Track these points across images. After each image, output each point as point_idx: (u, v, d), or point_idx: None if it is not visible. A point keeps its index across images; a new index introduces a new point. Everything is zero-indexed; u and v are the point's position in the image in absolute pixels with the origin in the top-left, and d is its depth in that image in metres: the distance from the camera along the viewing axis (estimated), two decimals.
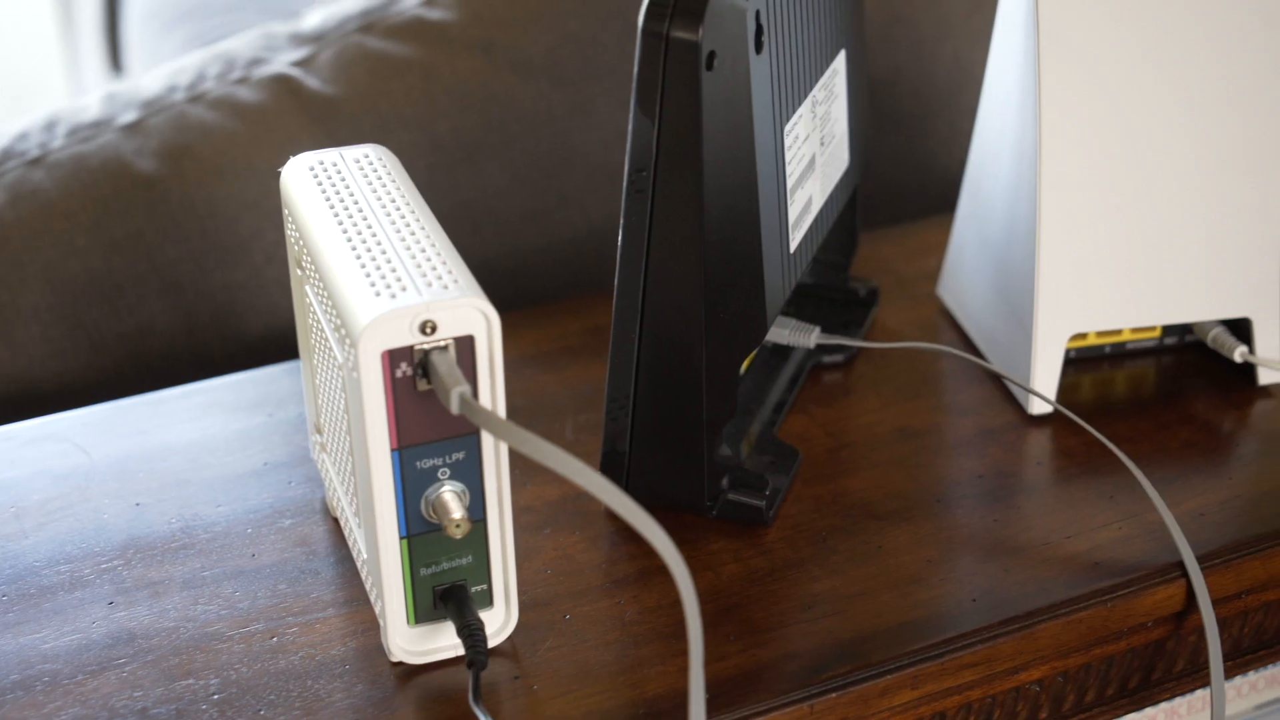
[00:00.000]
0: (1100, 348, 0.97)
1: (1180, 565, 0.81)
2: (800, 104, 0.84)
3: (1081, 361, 0.97)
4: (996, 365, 0.96)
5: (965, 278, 1.00)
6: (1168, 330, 0.97)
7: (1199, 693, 0.93)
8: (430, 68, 1.11)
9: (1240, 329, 0.95)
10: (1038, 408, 0.92)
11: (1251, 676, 0.99)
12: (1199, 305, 0.94)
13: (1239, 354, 0.94)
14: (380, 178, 0.77)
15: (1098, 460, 0.89)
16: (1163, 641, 0.83)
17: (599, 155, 1.14)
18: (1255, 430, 0.93)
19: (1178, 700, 0.91)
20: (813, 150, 0.87)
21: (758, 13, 0.76)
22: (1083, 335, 0.96)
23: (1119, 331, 0.96)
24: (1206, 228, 0.92)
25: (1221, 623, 0.84)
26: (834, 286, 1.02)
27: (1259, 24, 0.88)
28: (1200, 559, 0.81)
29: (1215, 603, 0.81)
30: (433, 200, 1.09)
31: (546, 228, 1.15)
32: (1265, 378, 0.94)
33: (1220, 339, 0.95)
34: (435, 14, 1.13)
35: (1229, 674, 0.88)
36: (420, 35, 1.12)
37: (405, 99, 1.10)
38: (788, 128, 0.82)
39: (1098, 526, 0.84)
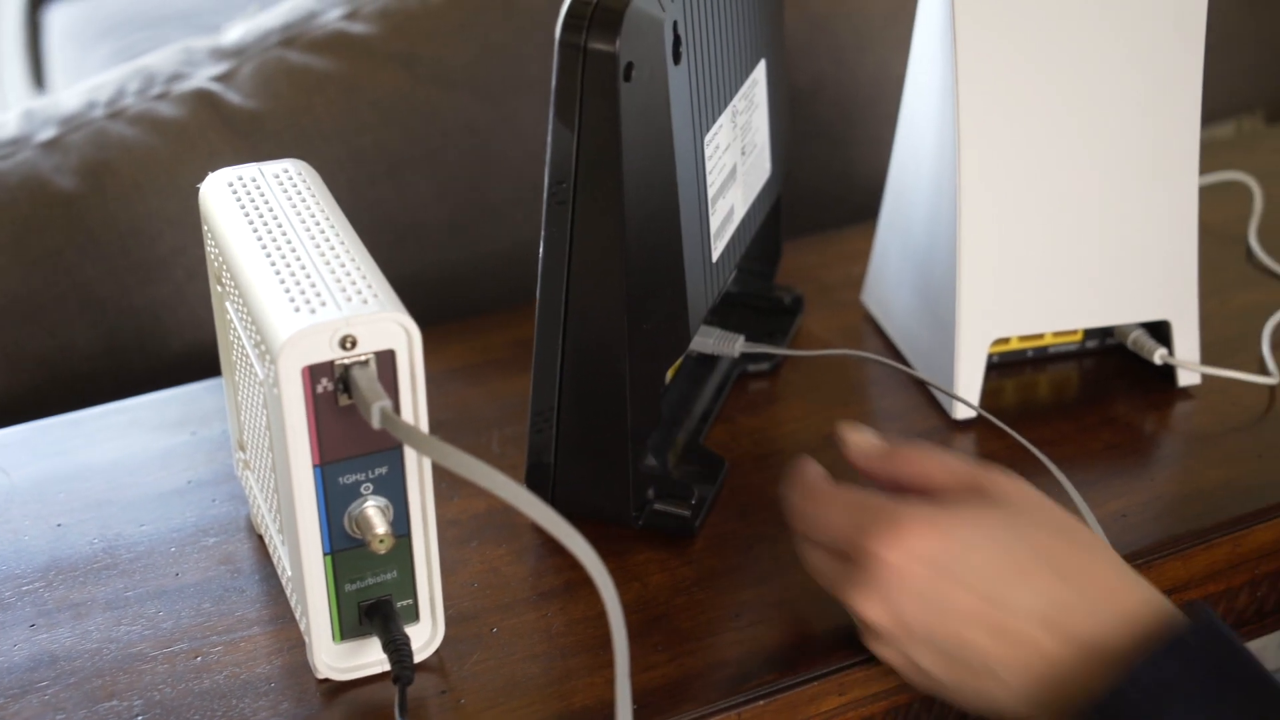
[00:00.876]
0: (1022, 352, 0.98)
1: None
2: (720, 114, 0.84)
3: (1004, 366, 0.98)
4: (920, 371, 0.96)
5: (888, 284, 1.01)
6: (1089, 334, 0.98)
7: None
8: (352, 81, 1.10)
9: (1160, 331, 0.96)
10: (961, 413, 0.92)
11: None
12: (1119, 309, 0.95)
13: (1159, 356, 0.95)
14: (300, 192, 0.77)
15: (1021, 464, 0.89)
16: None
17: (524, 167, 1.14)
18: (1176, 431, 0.94)
19: None
20: (734, 160, 0.88)
21: (675, 24, 0.76)
22: (1005, 340, 0.96)
23: (1041, 336, 0.97)
24: (1124, 232, 0.92)
25: None
26: (758, 295, 1.02)
27: (1170, 33, 0.89)
28: (1123, 559, 0.82)
29: None
30: (356, 214, 1.08)
31: (472, 240, 1.15)
32: (1185, 379, 0.95)
33: (1140, 342, 0.96)
34: (357, 28, 1.12)
35: None
36: (342, 49, 1.11)
37: (327, 113, 1.09)
38: (708, 137, 0.82)
39: None
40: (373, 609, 0.73)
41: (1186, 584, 0.85)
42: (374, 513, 0.70)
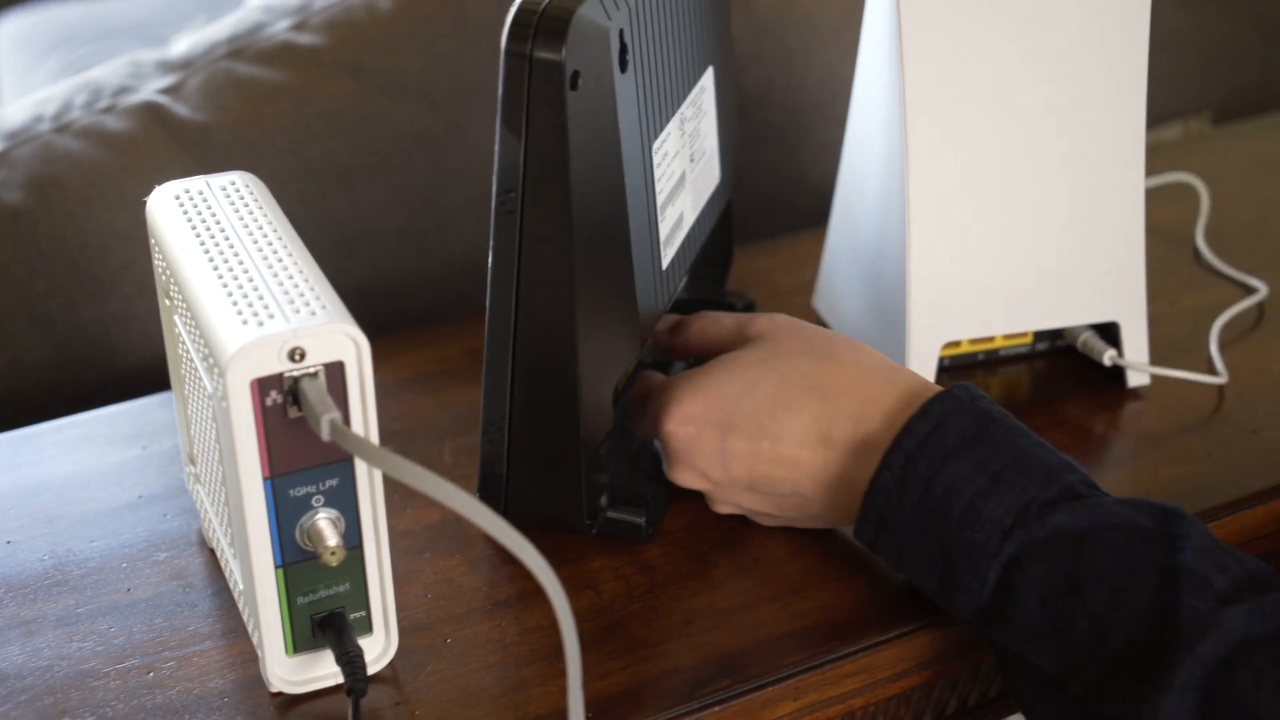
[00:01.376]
0: (974, 355, 0.98)
1: None
2: (668, 121, 0.84)
3: (956, 369, 0.98)
4: None
5: (839, 289, 1.01)
6: (1039, 336, 0.99)
7: None
8: (301, 92, 1.10)
9: (1109, 333, 0.96)
10: None
11: None
12: (1068, 311, 0.95)
13: (1108, 358, 0.95)
14: (247, 205, 0.76)
15: None
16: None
17: (475, 176, 1.14)
18: (1126, 431, 0.94)
19: None
20: (682, 167, 0.88)
21: (621, 32, 0.76)
22: (956, 343, 0.97)
23: (991, 339, 0.98)
24: (1072, 235, 0.93)
25: None
26: (711, 300, 1.02)
27: (1115, 36, 0.90)
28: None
29: None
30: (306, 225, 1.08)
31: (424, 250, 1.15)
32: (1134, 380, 0.96)
33: (1090, 343, 0.96)
34: (304, 38, 1.12)
35: None
36: (290, 60, 1.11)
37: (276, 124, 1.09)
38: (656, 145, 0.82)
39: None
40: (325, 621, 0.72)
41: None
42: (325, 525, 0.70)
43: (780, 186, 1.28)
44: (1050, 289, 0.94)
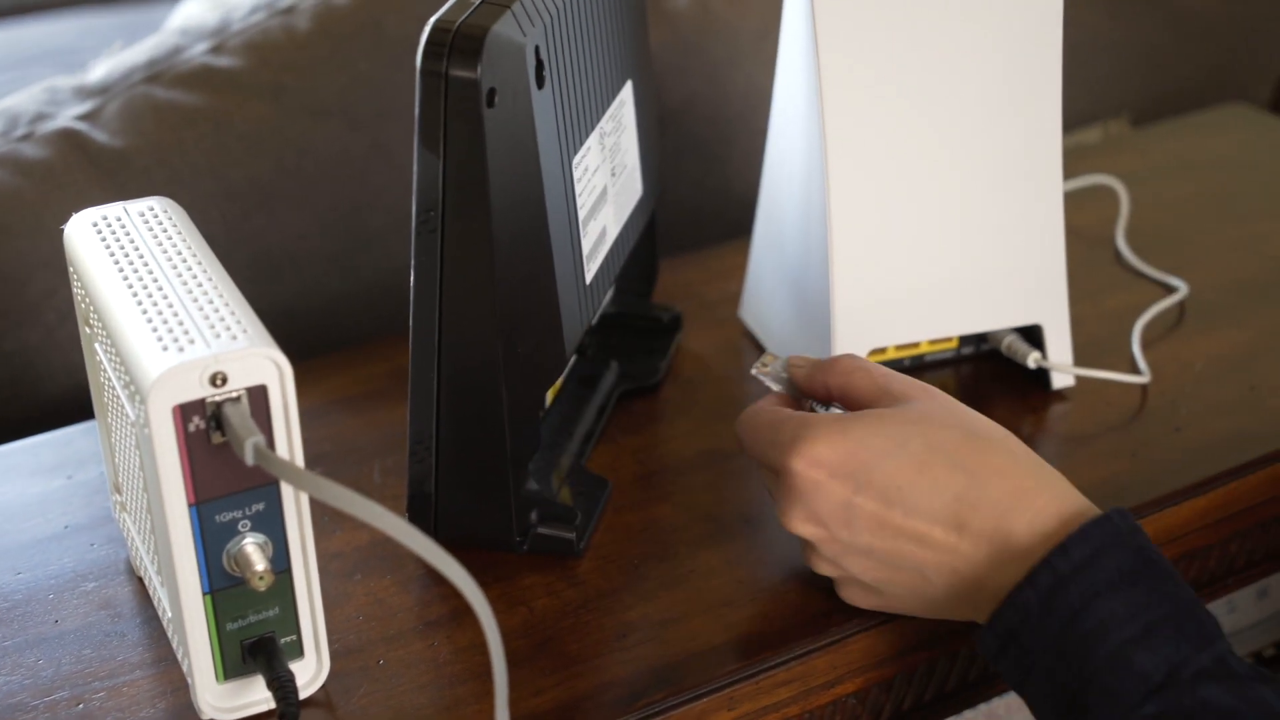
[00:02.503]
0: (900, 361, 0.99)
1: None
2: (588, 136, 0.84)
3: None
4: None
5: (764, 299, 1.01)
6: (964, 341, 0.99)
7: (981, 707, 0.95)
8: (221, 115, 1.10)
9: (1033, 336, 0.97)
10: None
11: None
12: (991, 315, 0.96)
13: (1032, 360, 0.96)
14: (166, 230, 0.76)
15: None
16: (933, 661, 0.84)
17: (399, 195, 1.14)
18: (1052, 433, 0.95)
19: (995, 701, 0.92)
20: (604, 181, 0.88)
21: (537, 48, 0.76)
22: (882, 349, 0.97)
23: (917, 344, 0.98)
24: (993, 239, 0.94)
25: None
26: (637, 314, 1.02)
27: (1028, 40, 0.91)
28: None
29: None
30: (230, 248, 1.08)
31: (350, 271, 1.14)
32: (1058, 382, 0.97)
33: (1014, 346, 0.97)
34: (223, 61, 1.12)
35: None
36: (208, 83, 1.10)
37: (197, 148, 1.08)
38: (576, 160, 0.82)
39: None
40: (256, 647, 0.72)
41: None
42: (253, 550, 0.70)
43: (707, 198, 1.28)
44: (973, 294, 0.95)
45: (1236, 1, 1.48)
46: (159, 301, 0.70)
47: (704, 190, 1.27)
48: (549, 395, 0.91)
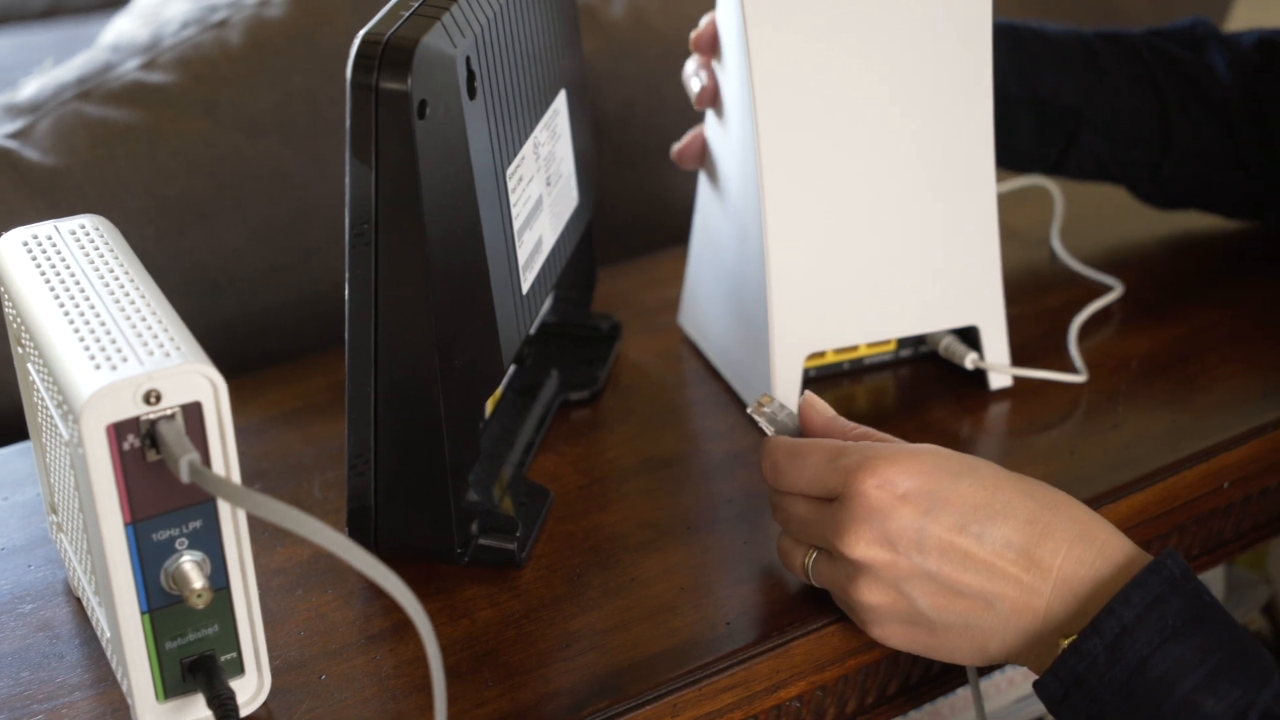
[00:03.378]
0: (839, 365, 0.99)
1: None
2: (521, 146, 0.84)
3: (822, 380, 0.99)
4: (738, 389, 0.97)
5: (702, 305, 1.02)
6: (902, 343, 1.00)
7: (960, 691, 0.96)
8: (154, 131, 1.09)
9: (970, 337, 0.97)
10: None
11: (1009, 672, 1.02)
12: (928, 317, 0.96)
13: (970, 361, 0.96)
14: (98, 248, 0.76)
15: None
16: (895, 656, 0.84)
17: (336, 209, 1.13)
18: (991, 433, 0.95)
19: (940, 701, 0.93)
20: (539, 190, 0.88)
21: (468, 59, 0.76)
22: (820, 354, 0.97)
23: (855, 348, 0.99)
24: (928, 242, 0.94)
25: None
26: (577, 323, 1.02)
27: (961, 46, 0.91)
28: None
29: None
30: (167, 265, 1.07)
31: (289, 284, 1.14)
32: (996, 382, 0.97)
33: (951, 348, 0.97)
34: (155, 77, 1.11)
35: (985, 671, 0.91)
36: (141, 99, 1.10)
37: (130, 165, 1.08)
38: (510, 170, 0.82)
39: None
40: (195, 665, 0.72)
41: None
42: (190, 568, 0.69)
43: (645, 206, 1.28)
44: (910, 296, 0.95)
45: (1165, 6, 1.50)
46: (91, 320, 0.70)
47: (642, 198, 1.28)
48: (488, 405, 0.91)
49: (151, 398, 0.66)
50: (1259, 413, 0.95)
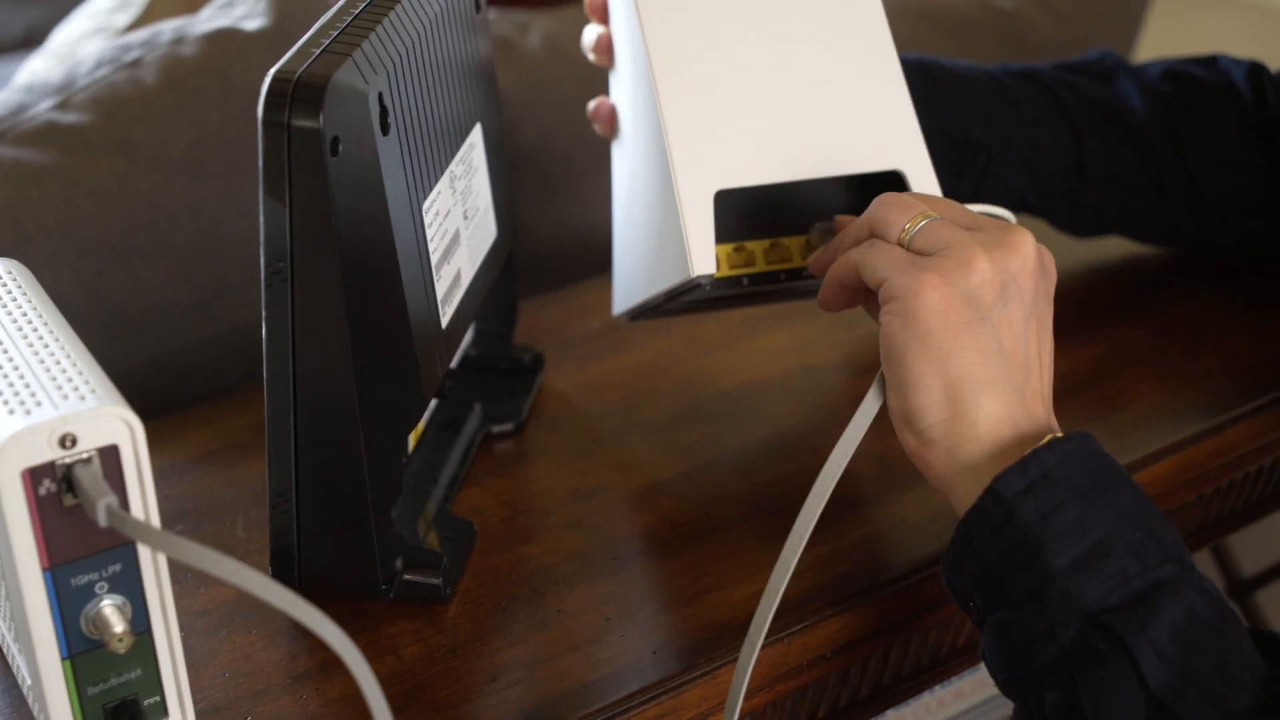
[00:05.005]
0: (774, 274, 0.91)
1: (847, 598, 0.84)
2: (437, 180, 0.84)
3: (758, 294, 0.94)
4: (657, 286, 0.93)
5: (629, 271, 0.97)
6: None
7: (889, 713, 0.96)
8: (69, 173, 1.08)
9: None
10: (699, 268, 0.87)
11: (938, 692, 1.03)
12: (846, 159, 0.91)
13: None
14: (10, 292, 0.75)
15: (763, 503, 0.91)
16: (844, 670, 0.85)
17: (254, 247, 1.13)
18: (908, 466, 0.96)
19: None
20: (456, 224, 0.88)
21: (380, 95, 0.76)
22: (743, 249, 0.91)
23: (790, 256, 0.91)
24: (831, 91, 0.91)
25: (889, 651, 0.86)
26: (499, 356, 1.03)
27: None
28: (870, 586, 0.84)
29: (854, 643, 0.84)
30: (84, 307, 1.07)
31: (208, 322, 1.13)
32: None
33: None
34: (69, 117, 1.10)
35: (913, 693, 0.91)
36: (55, 140, 1.09)
37: (45, 207, 1.07)
38: (426, 204, 0.82)
39: (769, 565, 0.85)
40: (119, 710, 0.71)
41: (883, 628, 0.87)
42: (111, 612, 0.69)
43: (567, 237, 1.28)
44: (822, 139, 0.90)
45: (1078, 37, 1.52)
46: (4, 365, 0.69)
47: (562, 229, 1.28)
48: (411, 440, 0.90)
49: (67, 441, 0.65)
50: (1176, 429, 0.96)
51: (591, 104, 0.98)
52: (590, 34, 0.96)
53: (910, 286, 0.75)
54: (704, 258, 0.86)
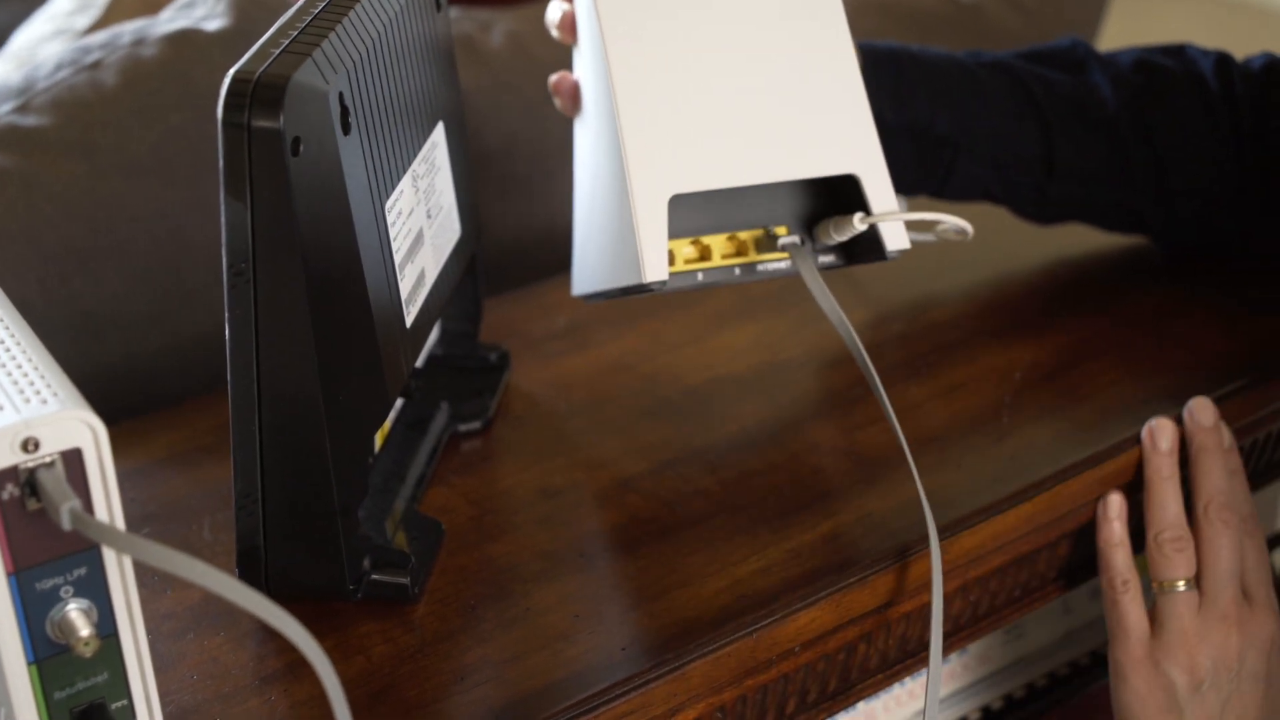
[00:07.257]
0: (729, 269, 0.92)
1: (815, 592, 0.84)
2: (400, 179, 0.84)
3: (711, 292, 0.94)
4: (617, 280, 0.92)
5: (588, 246, 0.97)
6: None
7: (860, 705, 0.96)
8: (30, 177, 1.08)
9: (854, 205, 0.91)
10: (651, 273, 0.88)
11: (908, 684, 1.03)
12: (800, 162, 0.90)
13: (858, 220, 0.89)
14: None
15: (730, 499, 0.91)
16: (812, 664, 0.85)
17: (218, 249, 1.12)
18: (876, 445, 0.96)
19: (839, 715, 0.94)
20: (420, 223, 0.88)
21: (341, 94, 0.76)
22: (701, 243, 0.92)
23: (745, 251, 0.92)
24: (787, 93, 0.91)
25: (858, 642, 0.87)
26: (464, 354, 1.02)
27: None
28: (837, 580, 0.84)
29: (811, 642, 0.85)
30: (49, 312, 1.06)
31: (173, 327, 1.13)
32: (892, 243, 0.90)
33: (840, 224, 0.90)
34: (29, 120, 1.10)
35: (882, 686, 0.91)
36: (15, 144, 1.08)
37: (7, 212, 1.06)
38: (389, 204, 0.82)
39: (737, 561, 0.86)
40: (86, 714, 0.71)
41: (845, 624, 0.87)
42: (76, 616, 0.68)
43: (534, 236, 1.28)
44: (777, 142, 0.90)
45: (1041, 25, 1.52)
46: None
47: (528, 228, 1.28)
48: (377, 440, 0.90)
49: (29, 445, 0.65)
50: (1142, 418, 0.96)
51: (554, 77, 0.97)
52: (554, 10, 0.96)
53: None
54: (656, 264, 0.87)
